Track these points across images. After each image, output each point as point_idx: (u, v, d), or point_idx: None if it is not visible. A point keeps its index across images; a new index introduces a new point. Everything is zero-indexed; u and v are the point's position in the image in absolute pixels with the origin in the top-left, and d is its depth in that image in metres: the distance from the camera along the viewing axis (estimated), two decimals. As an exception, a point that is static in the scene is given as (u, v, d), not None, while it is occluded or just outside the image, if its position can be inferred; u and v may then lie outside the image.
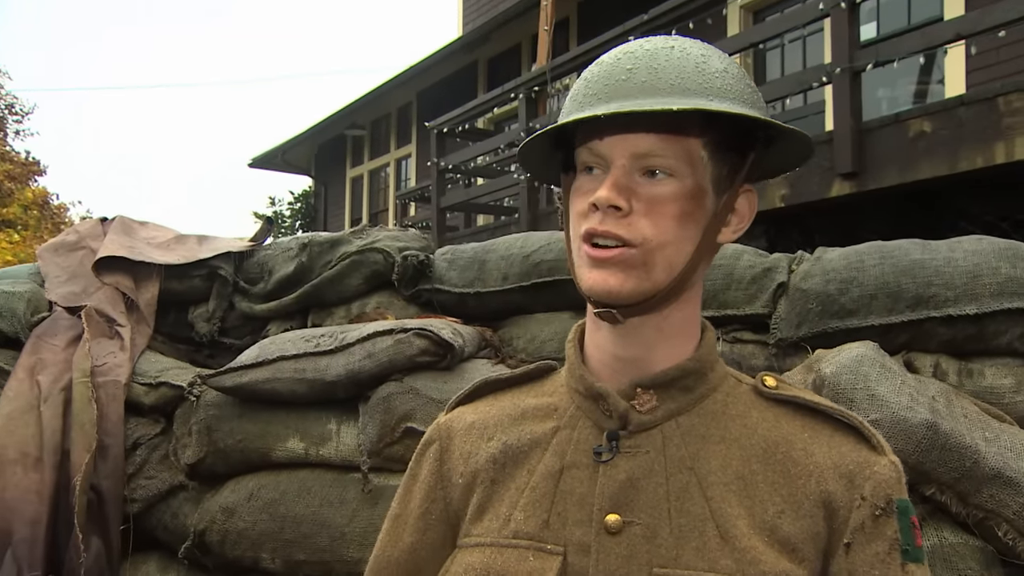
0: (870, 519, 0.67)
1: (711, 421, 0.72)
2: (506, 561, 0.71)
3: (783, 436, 0.71)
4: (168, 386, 2.20)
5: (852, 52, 4.09)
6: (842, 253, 1.89)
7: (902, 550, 0.67)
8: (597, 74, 0.70)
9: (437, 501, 0.79)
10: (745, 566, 0.66)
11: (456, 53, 9.76)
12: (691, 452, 0.71)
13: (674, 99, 0.66)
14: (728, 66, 0.70)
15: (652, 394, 0.72)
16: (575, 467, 0.73)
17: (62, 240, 2.67)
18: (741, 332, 1.96)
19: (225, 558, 2.07)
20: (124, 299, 2.46)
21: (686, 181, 0.68)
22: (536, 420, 0.77)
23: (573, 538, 0.70)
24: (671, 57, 0.68)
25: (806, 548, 0.67)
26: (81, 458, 2.00)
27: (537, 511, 0.72)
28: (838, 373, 1.54)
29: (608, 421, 0.73)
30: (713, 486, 0.69)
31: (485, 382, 0.83)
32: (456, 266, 2.42)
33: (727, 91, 0.68)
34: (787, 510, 0.68)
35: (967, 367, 1.71)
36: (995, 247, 1.73)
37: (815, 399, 0.73)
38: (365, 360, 2.00)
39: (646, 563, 0.68)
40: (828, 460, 0.69)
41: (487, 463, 0.76)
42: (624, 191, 0.67)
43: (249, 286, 2.66)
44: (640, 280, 0.68)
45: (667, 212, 0.68)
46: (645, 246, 0.67)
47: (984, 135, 3.62)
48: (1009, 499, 1.42)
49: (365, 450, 1.97)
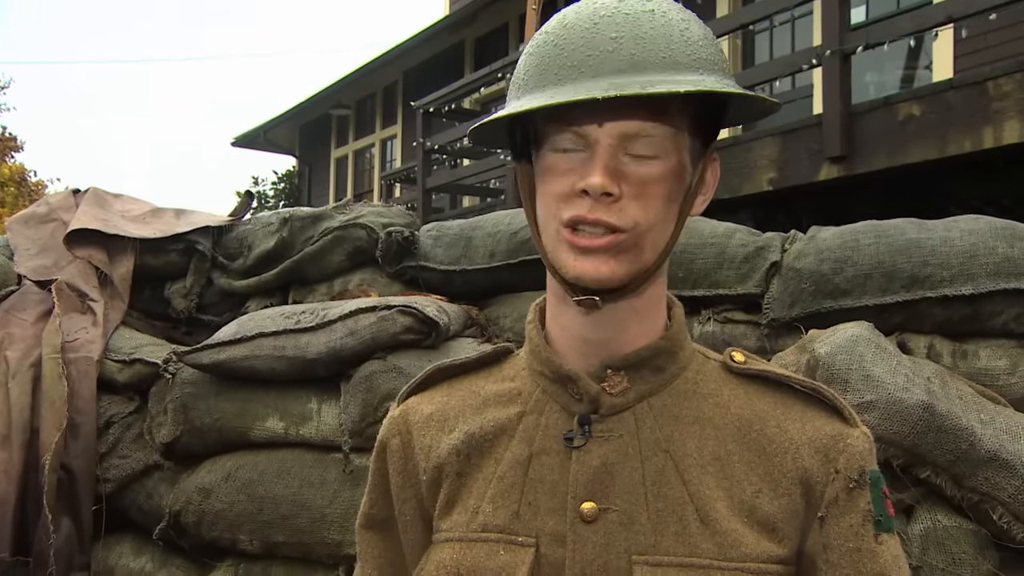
0: (844, 492, 0.66)
1: (684, 401, 0.70)
2: (476, 556, 0.68)
3: (756, 414, 0.69)
4: (143, 363, 2.14)
5: (842, 34, 4.05)
6: (836, 232, 1.85)
7: (875, 521, 0.66)
8: (572, 40, 0.64)
9: (408, 501, 0.76)
10: (727, 549, 0.64)
11: (443, 32, 9.64)
12: (665, 434, 0.68)
13: (668, 75, 0.62)
14: (705, 31, 0.67)
15: (623, 375, 0.69)
16: (544, 454, 0.70)
17: (32, 212, 2.58)
18: (733, 312, 1.92)
19: (201, 539, 2.02)
20: (97, 273, 2.38)
21: (670, 160, 0.65)
22: (499, 407, 0.73)
23: (546, 528, 0.68)
24: (655, 24, 0.64)
25: (786, 527, 0.66)
26: (51, 436, 1.94)
27: (506, 502, 0.69)
28: (832, 353, 1.50)
29: (578, 405, 0.70)
30: (690, 468, 0.67)
31: (437, 368, 0.78)
32: (442, 243, 2.37)
33: (712, 62, 0.65)
34: (765, 489, 0.66)
35: (962, 348, 1.69)
36: (992, 227, 1.71)
37: (784, 373, 0.71)
38: (347, 337, 1.94)
39: (625, 551, 0.65)
40: (802, 436, 0.68)
41: (450, 456, 0.73)
42: (614, 175, 0.64)
43: (228, 262, 2.59)
44: (632, 264, 0.65)
45: (656, 194, 0.65)
46: (636, 230, 0.64)
47: (973, 119, 3.60)
48: (1004, 482, 1.40)
49: (347, 430, 1.92)
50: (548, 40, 0.66)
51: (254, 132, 13.51)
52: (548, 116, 0.66)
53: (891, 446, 1.42)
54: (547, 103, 0.62)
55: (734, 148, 4.52)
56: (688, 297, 1.94)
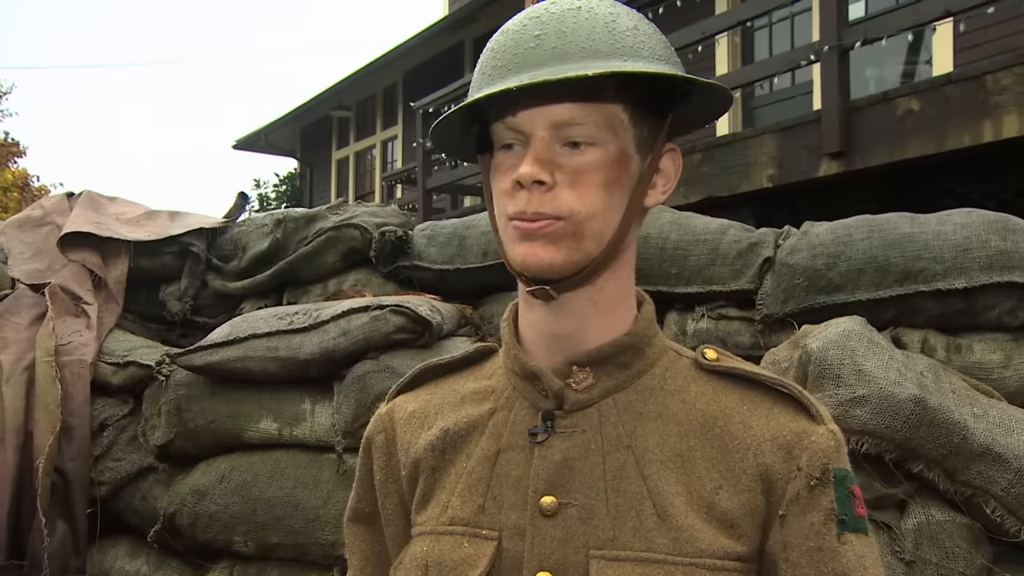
0: (805, 489, 0.65)
1: (649, 397, 0.70)
2: (443, 549, 0.70)
3: (721, 410, 0.69)
4: (136, 365, 2.14)
5: (840, 30, 4.03)
6: (829, 227, 1.84)
7: (839, 520, 0.65)
8: (504, 43, 0.67)
9: (391, 495, 0.77)
10: (682, 544, 0.64)
11: (442, 33, 9.64)
12: (628, 430, 0.69)
13: (587, 63, 0.63)
14: (639, 22, 0.68)
15: (588, 371, 0.69)
16: (511, 449, 0.70)
17: (27, 215, 2.58)
18: (726, 308, 1.91)
19: (196, 541, 2.02)
20: (91, 276, 2.38)
21: (609, 147, 0.66)
22: (474, 403, 0.75)
23: (508, 522, 0.68)
24: (579, 19, 0.65)
25: (744, 524, 0.66)
26: (45, 439, 1.94)
27: (473, 496, 0.70)
28: (825, 348, 1.49)
29: (544, 401, 0.70)
30: (650, 464, 0.67)
31: (425, 368, 0.80)
32: (435, 242, 2.36)
33: (640, 49, 0.66)
34: (725, 485, 0.66)
35: (955, 342, 1.67)
36: (985, 220, 1.69)
37: (755, 370, 0.71)
38: (340, 338, 1.94)
39: (583, 545, 0.66)
40: (766, 432, 0.67)
41: (426, 451, 0.74)
42: (547, 164, 0.65)
43: (222, 263, 2.59)
44: (571, 251, 0.65)
45: (592, 181, 0.65)
46: (573, 218, 0.65)
47: (972, 113, 3.58)
48: (998, 475, 1.39)
49: (340, 430, 1.92)
50: (489, 47, 0.69)
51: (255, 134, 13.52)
52: (495, 116, 0.68)
53: (884, 440, 1.41)
54: (466, 102, 0.66)
55: (733, 145, 4.50)
56: (681, 294, 1.94)
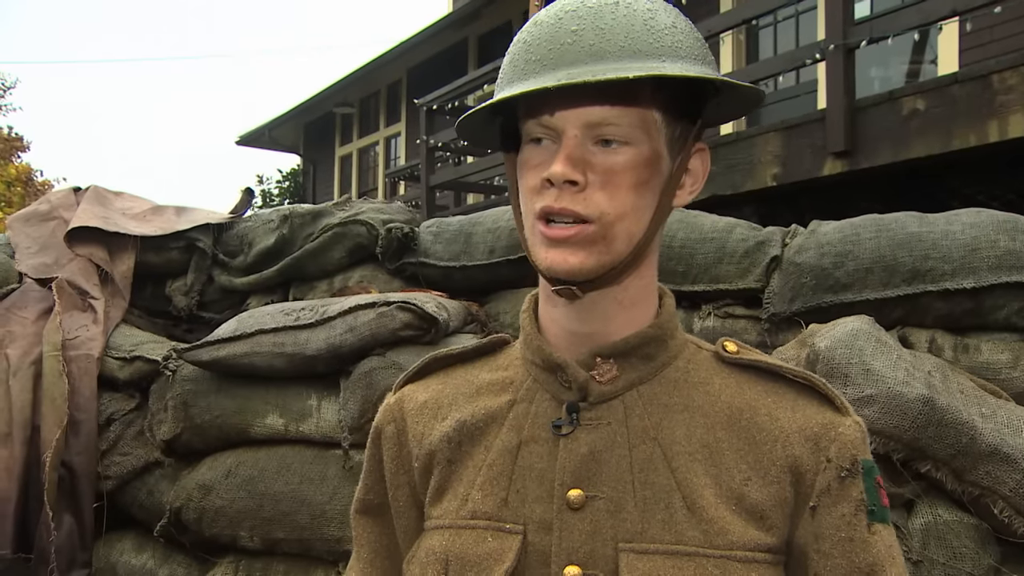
0: (836, 481, 0.66)
1: (673, 389, 0.70)
2: (464, 543, 0.69)
3: (747, 402, 0.69)
4: (143, 360, 2.14)
5: (846, 29, 4.02)
6: (837, 226, 1.84)
7: (868, 510, 0.65)
8: (538, 36, 0.66)
9: (402, 487, 0.76)
10: (713, 537, 0.64)
11: (446, 29, 9.63)
12: (654, 422, 0.68)
13: (625, 63, 0.62)
14: (676, 19, 0.67)
15: (612, 363, 0.69)
16: (534, 442, 0.70)
17: (33, 210, 2.59)
18: (733, 307, 1.91)
19: (202, 536, 2.02)
20: (98, 271, 2.38)
21: (642, 148, 0.65)
22: (491, 395, 0.74)
23: (533, 516, 0.68)
24: (617, 15, 0.64)
25: (774, 515, 0.66)
26: (52, 433, 1.94)
27: (495, 489, 0.69)
28: (832, 347, 1.49)
29: (567, 393, 0.70)
30: (678, 456, 0.67)
31: (434, 358, 0.79)
32: (442, 239, 2.36)
33: (679, 49, 0.65)
34: (754, 477, 0.66)
35: (963, 342, 1.67)
36: (994, 220, 1.69)
37: (776, 363, 0.71)
38: (347, 334, 1.94)
39: (611, 538, 0.65)
40: (793, 424, 0.67)
41: (441, 443, 0.73)
42: (579, 164, 0.64)
43: (229, 259, 2.59)
44: (601, 255, 0.65)
45: (624, 183, 0.65)
46: (603, 220, 0.64)
47: (978, 113, 3.57)
48: (1006, 476, 1.39)
49: (346, 426, 1.92)
50: (521, 39, 0.68)
51: (258, 131, 13.51)
52: (525, 112, 0.67)
53: (891, 440, 1.41)
54: (500, 97, 0.64)
55: (737, 144, 4.50)
56: (688, 292, 1.94)
